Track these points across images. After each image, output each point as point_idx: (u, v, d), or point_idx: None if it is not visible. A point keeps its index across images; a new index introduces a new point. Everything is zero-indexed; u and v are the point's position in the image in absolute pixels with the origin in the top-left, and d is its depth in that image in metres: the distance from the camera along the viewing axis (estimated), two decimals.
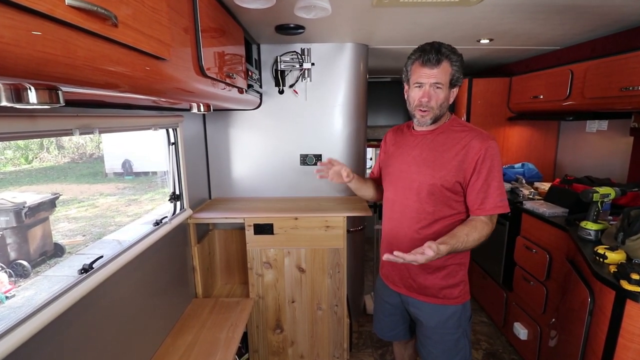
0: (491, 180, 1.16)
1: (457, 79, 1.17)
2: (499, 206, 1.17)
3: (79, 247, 2.69)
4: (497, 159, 1.17)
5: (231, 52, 1.39)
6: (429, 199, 1.22)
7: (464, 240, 1.12)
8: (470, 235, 1.13)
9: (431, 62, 1.12)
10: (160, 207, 2.09)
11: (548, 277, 1.82)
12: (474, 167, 1.16)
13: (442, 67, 1.13)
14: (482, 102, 2.72)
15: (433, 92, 1.16)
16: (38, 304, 0.88)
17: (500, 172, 1.19)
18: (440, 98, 1.17)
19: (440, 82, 1.14)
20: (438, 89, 1.16)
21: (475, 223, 1.16)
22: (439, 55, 1.12)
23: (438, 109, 1.18)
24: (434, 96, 1.16)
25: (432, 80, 1.14)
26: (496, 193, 1.16)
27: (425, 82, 1.15)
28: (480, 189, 1.17)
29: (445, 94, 1.17)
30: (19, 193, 2.46)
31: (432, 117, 1.20)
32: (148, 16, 0.70)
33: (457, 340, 1.30)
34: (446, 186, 1.20)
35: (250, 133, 2.24)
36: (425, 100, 1.17)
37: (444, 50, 1.13)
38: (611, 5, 1.46)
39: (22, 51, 0.43)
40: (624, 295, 1.12)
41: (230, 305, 1.87)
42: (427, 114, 1.19)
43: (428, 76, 1.14)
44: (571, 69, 1.99)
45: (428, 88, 1.16)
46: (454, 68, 1.15)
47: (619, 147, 2.20)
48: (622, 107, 1.72)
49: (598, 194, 1.51)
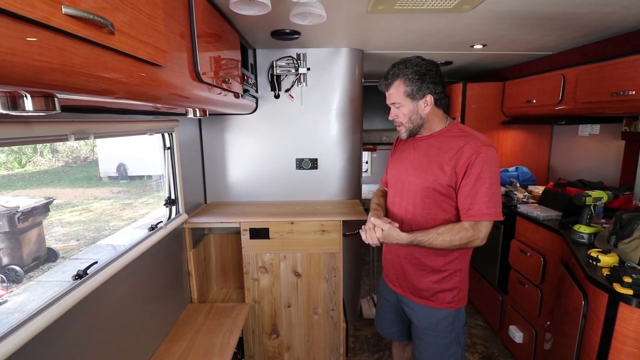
0: (480, 186, 1.14)
1: (417, 90, 1.19)
2: (486, 213, 1.14)
3: (72, 251, 2.66)
4: (489, 165, 1.14)
5: (227, 57, 1.39)
6: (423, 202, 1.24)
7: (432, 237, 1.17)
8: (442, 235, 1.17)
9: (383, 87, 1.25)
10: (155, 211, 2.08)
11: (543, 280, 1.83)
12: (464, 172, 1.17)
13: (393, 88, 1.22)
14: (476, 106, 2.75)
15: (395, 110, 1.26)
16: (31, 311, 0.87)
17: (494, 179, 1.15)
18: (404, 114, 1.24)
19: (395, 101, 1.24)
20: (399, 106, 1.24)
21: (454, 226, 1.18)
22: (386, 80, 1.23)
23: (409, 123, 1.25)
24: (398, 113, 1.25)
25: (390, 101, 1.26)
26: (484, 199, 1.14)
27: (389, 103, 1.27)
28: (467, 194, 1.16)
29: (409, 108, 1.22)
30: (12, 197, 2.43)
31: (405, 131, 1.28)
32: (144, 23, 0.70)
33: (448, 345, 1.31)
34: (438, 190, 1.21)
35: (246, 137, 2.24)
36: (392, 119, 1.28)
37: (394, 70, 1.21)
38: (600, 13, 1.49)
39: (18, 60, 0.43)
40: (616, 298, 1.13)
41: (225, 311, 1.86)
42: (400, 128, 1.29)
43: (387, 98, 1.27)
44: (563, 73, 2.02)
45: (392, 108, 1.27)
46: (409, 82, 1.19)
47: (611, 151, 2.23)
48: (613, 112, 1.75)
49: (591, 197, 1.52)
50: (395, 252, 1.36)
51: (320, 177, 2.28)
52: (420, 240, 1.18)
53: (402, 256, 1.33)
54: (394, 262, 1.38)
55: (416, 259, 1.29)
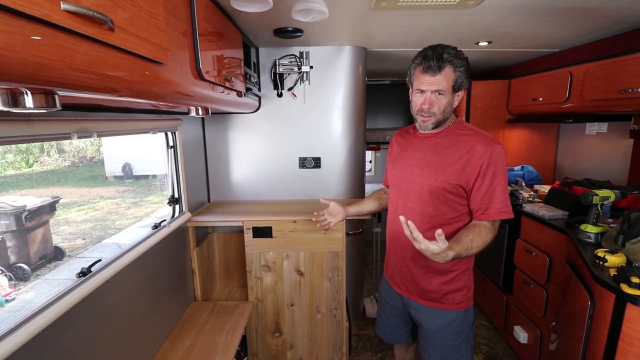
0: (496, 185, 1.14)
1: (461, 84, 1.14)
2: (504, 212, 1.15)
3: (79, 250, 2.69)
4: (502, 164, 1.15)
5: (229, 56, 1.39)
6: (431, 201, 1.21)
7: (468, 247, 1.09)
8: (474, 241, 1.11)
9: (432, 69, 1.10)
10: (160, 210, 2.09)
11: (548, 280, 1.81)
12: (478, 172, 1.14)
13: (443, 73, 1.10)
14: (482, 104, 2.72)
15: (435, 98, 1.14)
16: (36, 308, 0.87)
17: (505, 177, 1.17)
18: (442, 104, 1.15)
19: (441, 89, 1.12)
20: (440, 95, 1.14)
21: (479, 229, 1.15)
22: (440, 62, 1.09)
23: (440, 115, 1.17)
24: (435, 102, 1.14)
25: (434, 88, 1.12)
26: (501, 198, 1.15)
27: (426, 89, 1.14)
28: (485, 194, 1.15)
29: (448, 99, 1.15)
30: (19, 197, 2.46)
31: (433, 122, 1.18)
32: (145, 20, 0.70)
33: (458, 346, 1.29)
34: (448, 189, 1.18)
35: (249, 136, 2.24)
36: (426, 107, 1.15)
37: (446, 55, 1.10)
38: (609, 8, 1.47)
39: (17, 56, 0.43)
40: (624, 299, 1.11)
41: (229, 309, 1.86)
42: (428, 119, 1.18)
43: (429, 83, 1.12)
44: (570, 71, 1.99)
45: (429, 95, 1.14)
46: (457, 73, 1.12)
47: (619, 150, 2.20)
48: (621, 109, 1.72)
49: (598, 196, 1.50)
50: (401, 255, 1.33)
51: (323, 176, 2.27)
52: (460, 254, 1.07)
53: (409, 259, 1.30)
54: (400, 265, 1.34)
55: (425, 261, 1.25)
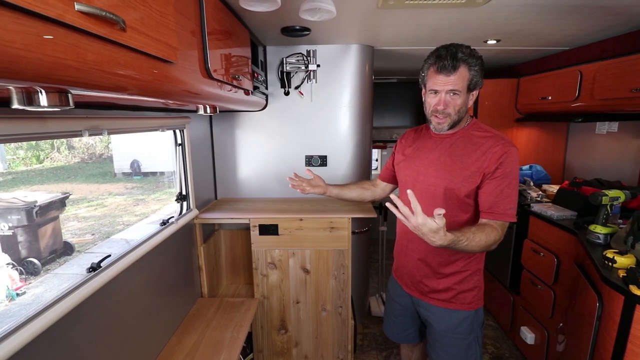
0: (505, 186, 1.12)
1: (476, 83, 1.12)
2: (508, 214, 1.13)
3: (88, 245, 2.73)
4: (515, 166, 1.13)
5: (237, 54, 1.40)
6: (445, 203, 1.19)
7: (469, 237, 1.04)
8: (476, 235, 1.06)
9: (447, 69, 1.08)
10: (167, 207, 2.12)
11: (556, 281, 1.79)
12: (492, 171, 1.13)
13: (458, 73, 1.08)
14: (490, 103, 2.70)
15: (449, 98, 1.12)
16: (46, 302, 0.89)
17: (516, 180, 1.14)
18: (457, 104, 1.12)
19: (456, 89, 1.10)
20: (455, 95, 1.11)
21: (484, 226, 1.13)
22: (454, 62, 1.07)
23: (456, 115, 1.14)
24: (450, 103, 1.12)
25: (448, 88, 1.10)
26: (507, 200, 1.13)
27: (440, 89, 1.12)
28: (492, 192, 1.13)
29: (463, 99, 1.12)
30: (30, 192, 2.51)
31: (449, 123, 1.16)
32: (155, 20, 0.71)
33: (468, 346, 1.28)
34: (464, 192, 1.17)
35: (256, 134, 2.25)
36: (441, 108, 1.13)
37: (461, 55, 1.08)
38: (621, 6, 1.44)
39: (32, 55, 0.44)
40: (633, 301, 1.10)
41: (235, 305, 1.88)
42: (444, 121, 1.16)
43: (444, 83, 1.10)
44: (580, 69, 1.96)
45: (444, 95, 1.12)
46: (472, 72, 1.10)
47: (629, 149, 2.16)
48: (633, 109, 1.69)
49: (607, 197, 1.48)
50: (410, 255, 1.32)
51: (329, 174, 2.27)
52: (460, 241, 1.02)
53: (419, 259, 1.29)
54: (409, 265, 1.33)
55: (436, 261, 1.25)
